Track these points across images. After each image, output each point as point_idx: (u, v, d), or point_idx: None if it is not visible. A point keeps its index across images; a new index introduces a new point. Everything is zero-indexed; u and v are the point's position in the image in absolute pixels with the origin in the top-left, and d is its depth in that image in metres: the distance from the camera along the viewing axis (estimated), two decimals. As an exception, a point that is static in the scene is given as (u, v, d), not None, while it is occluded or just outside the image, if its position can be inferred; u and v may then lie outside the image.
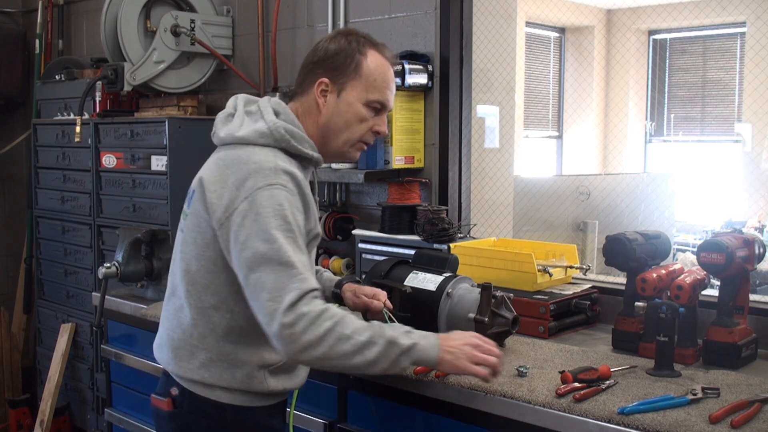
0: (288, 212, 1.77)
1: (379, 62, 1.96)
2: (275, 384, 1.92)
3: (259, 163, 1.81)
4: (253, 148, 1.86)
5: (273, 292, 1.71)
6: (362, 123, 1.97)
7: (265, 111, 1.92)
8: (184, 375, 1.90)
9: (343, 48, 1.94)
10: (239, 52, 3.92)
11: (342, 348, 1.72)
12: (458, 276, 2.32)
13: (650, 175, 6.29)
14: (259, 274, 1.72)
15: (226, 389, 1.88)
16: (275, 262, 1.72)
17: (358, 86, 1.94)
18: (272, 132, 1.87)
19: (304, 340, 1.69)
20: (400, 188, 3.04)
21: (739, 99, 7.34)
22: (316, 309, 1.71)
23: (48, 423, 4.10)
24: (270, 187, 1.77)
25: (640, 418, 1.73)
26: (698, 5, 7.00)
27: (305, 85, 1.97)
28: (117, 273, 2.89)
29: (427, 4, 3.15)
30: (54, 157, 4.20)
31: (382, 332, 1.76)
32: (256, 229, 1.74)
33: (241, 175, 1.80)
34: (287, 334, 1.68)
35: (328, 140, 1.98)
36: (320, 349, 1.70)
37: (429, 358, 1.81)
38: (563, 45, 8.01)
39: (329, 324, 1.71)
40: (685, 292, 2.13)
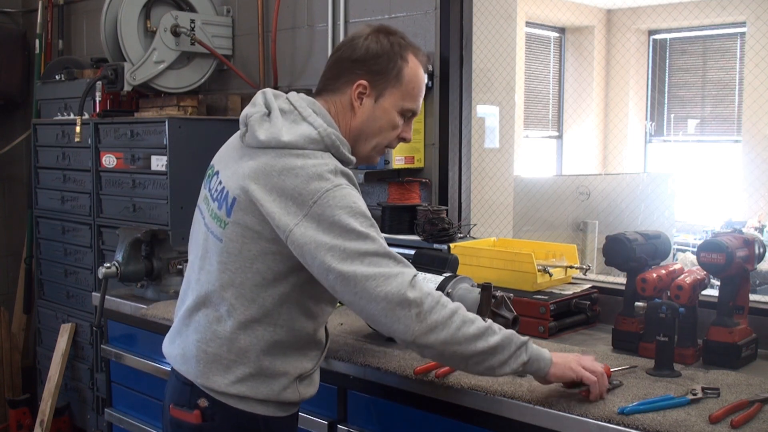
0: (363, 207, 1.73)
1: (417, 69, 1.90)
2: (304, 392, 1.89)
3: (317, 167, 1.73)
4: (304, 152, 1.76)
5: (378, 281, 1.65)
6: (394, 130, 1.92)
7: (304, 111, 1.82)
8: (217, 388, 1.81)
9: (386, 51, 1.85)
10: (239, 52, 3.92)
11: (468, 330, 1.68)
12: (458, 276, 2.32)
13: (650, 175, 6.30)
14: (354, 268, 1.67)
15: (261, 401, 1.82)
16: (371, 254, 1.68)
17: (396, 93, 1.88)
18: (323, 138, 1.79)
19: (432, 319, 1.65)
20: (400, 188, 3.04)
21: (739, 99, 7.34)
22: (435, 292, 1.68)
23: (48, 423, 4.10)
24: (338, 188, 1.71)
25: (640, 418, 1.73)
26: (698, 5, 7.00)
27: (340, 84, 1.88)
28: (117, 273, 2.89)
29: (427, 4, 3.15)
30: (54, 157, 4.20)
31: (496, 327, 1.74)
32: (339, 230, 1.68)
33: (301, 182, 1.71)
34: (415, 313, 1.64)
35: (358, 144, 1.92)
36: (447, 330, 1.66)
37: (543, 357, 1.79)
38: (563, 45, 8.02)
39: (453, 306, 1.69)
40: (685, 292, 2.13)
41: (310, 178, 1.71)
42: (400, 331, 1.66)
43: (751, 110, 6.57)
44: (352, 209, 1.70)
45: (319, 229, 1.68)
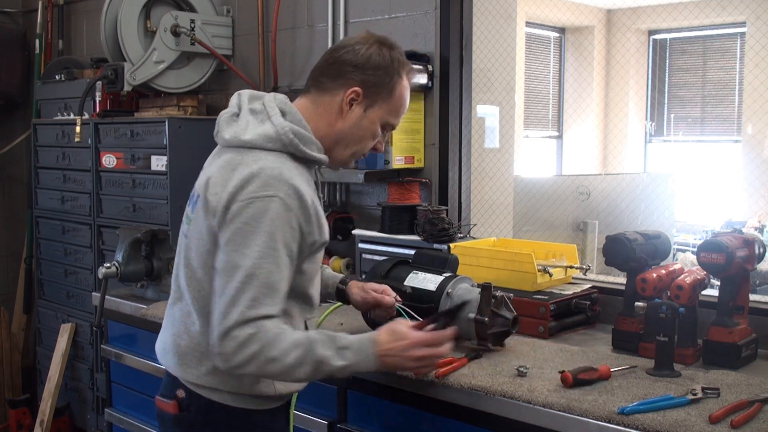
0: (277, 228, 1.73)
1: (407, 88, 1.96)
2: (282, 387, 1.91)
3: (263, 170, 1.76)
4: (259, 152, 1.81)
5: (226, 307, 1.71)
6: (373, 140, 1.97)
7: (272, 111, 1.86)
8: (192, 380, 1.88)
9: (386, 64, 1.89)
10: (239, 52, 3.92)
11: (270, 369, 1.73)
12: (458, 276, 2.32)
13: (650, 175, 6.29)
14: (224, 281, 1.73)
15: (233, 393, 1.86)
16: (240, 277, 1.71)
17: (385, 107, 1.92)
18: (280, 136, 1.82)
19: (234, 362, 1.71)
20: (400, 188, 3.04)
21: (739, 99, 7.34)
22: (247, 332, 1.70)
23: (48, 423, 4.10)
24: (267, 199, 1.73)
25: (640, 418, 1.73)
26: (698, 5, 7.00)
27: (336, 85, 1.90)
28: (117, 273, 2.89)
29: (427, 4, 3.15)
30: (54, 157, 4.20)
31: (313, 352, 1.74)
32: (239, 237, 1.73)
33: (243, 179, 1.76)
34: (220, 353, 1.71)
35: (337, 147, 1.94)
36: (250, 368, 1.72)
37: (366, 371, 1.84)
38: (563, 45, 8.02)
39: (256, 347, 1.70)
40: (685, 292, 2.13)
41: (251, 177, 1.75)
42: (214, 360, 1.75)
43: (751, 110, 6.57)
44: (265, 225, 1.72)
45: (231, 230, 1.74)
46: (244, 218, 1.73)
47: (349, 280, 2.24)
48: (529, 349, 2.27)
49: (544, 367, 2.09)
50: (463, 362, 2.09)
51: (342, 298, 2.22)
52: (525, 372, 2.01)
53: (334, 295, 2.23)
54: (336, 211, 3.39)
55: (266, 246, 1.72)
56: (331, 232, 3.29)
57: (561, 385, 1.93)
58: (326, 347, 1.76)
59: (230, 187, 1.76)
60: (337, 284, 2.23)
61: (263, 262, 1.71)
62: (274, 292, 1.74)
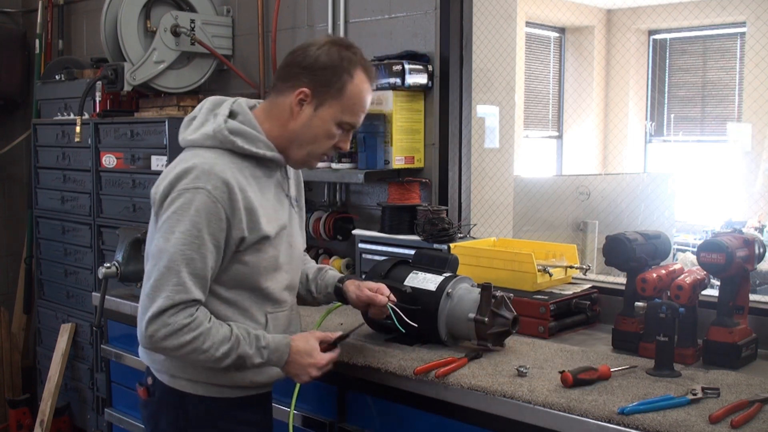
0: (202, 219, 1.83)
1: (362, 86, 1.97)
2: (240, 378, 1.97)
3: (197, 165, 1.86)
4: (199, 149, 1.92)
5: (152, 290, 1.82)
6: (329, 140, 2.00)
7: (221, 113, 1.96)
8: (155, 366, 2.01)
9: (334, 63, 1.94)
10: (239, 52, 3.92)
11: (196, 358, 1.85)
12: (458, 276, 2.32)
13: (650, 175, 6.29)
14: (150, 267, 1.86)
15: (190, 380, 1.96)
16: (164, 263, 1.82)
17: (336, 106, 1.95)
18: (216, 134, 1.91)
19: (162, 345, 1.83)
20: (400, 188, 3.04)
21: (739, 99, 7.34)
22: (181, 322, 1.81)
23: (48, 423, 4.10)
24: (195, 191, 1.83)
25: (640, 418, 1.73)
26: (698, 5, 7.00)
27: (285, 87, 1.97)
28: (117, 273, 2.89)
29: (427, 4, 3.15)
30: (54, 157, 4.20)
31: (237, 348, 1.87)
32: (167, 225, 1.84)
33: (178, 174, 1.87)
34: (148, 335, 1.83)
35: (292, 147, 2.00)
36: (175, 354, 1.85)
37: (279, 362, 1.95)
38: (563, 45, 8.01)
39: (189, 337, 1.82)
40: (685, 292, 2.13)
41: (185, 172, 1.86)
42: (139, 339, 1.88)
43: (751, 110, 6.57)
44: (190, 216, 1.82)
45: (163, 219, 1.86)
46: (173, 208, 1.84)
47: (347, 279, 2.24)
48: (529, 349, 2.27)
49: (544, 367, 2.09)
50: (463, 362, 2.09)
51: (340, 297, 2.22)
52: (525, 372, 2.01)
53: (333, 295, 2.24)
54: (336, 211, 3.39)
55: (189, 234, 1.82)
56: (331, 232, 3.31)
57: (561, 385, 1.93)
58: (249, 345, 1.89)
59: (167, 180, 1.88)
60: (336, 283, 2.24)
61: (186, 249, 1.82)
62: (199, 278, 1.84)
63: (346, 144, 2.04)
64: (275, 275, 2.00)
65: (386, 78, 3.01)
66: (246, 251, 1.92)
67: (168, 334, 1.81)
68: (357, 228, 3.20)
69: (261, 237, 1.93)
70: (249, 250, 1.92)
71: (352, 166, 3.11)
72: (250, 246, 1.92)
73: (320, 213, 3.38)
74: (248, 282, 1.95)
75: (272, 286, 2.00)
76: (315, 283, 2.26)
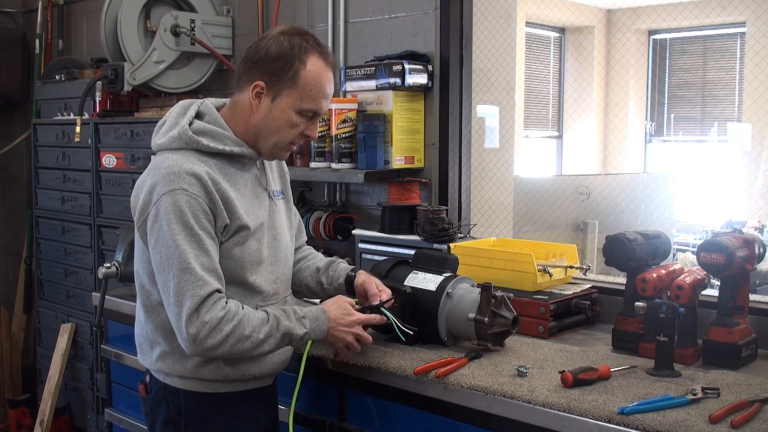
0: (190, 217, 1.86)
1: (318, 70, 1.97)
2: (231, 371, 2.00)
3: (167, 169, 1.89)
4: (167, 153, 1.95)
5: (176, 297, 1.84)
6: (293, 128, 2.00)
7: (188, 114, 1.99)
8: (149, 366, 2.06)
9: (284, 53, 1.94)
10: (239, 52, 3.91)
11: (242, 346, 1.88)
12: (458, 276, 2.32)
13: (650, 175, 6.29)
14: (164, 278, 1.87)
15: (181, 377, 1.99)
16: (176, 267, 1.84)
17: (293, 94, 1.96)
18: (181, 136, 1.94)
19: (207, 344, 1.85)
20: (400, 188, 3.04)
21: (739, 99, 7.34)
22: (217, 315, 1.84)
23: (48, 423, 4.10)
24: (172, 193, 1.86)
25: (640, 418, 1.73)
26: (698, 5, 7.00)
27: (242, 83, 2.00)
28: (117, 273, 2.89)
29: (427, 4, 3.15)
30: (54, 157, 4.20)
31: (278, 325, 1.92)
32: (161, 234, 1.86)
33: (153, 181, 1.90)
34: (191, 339, 1.83)
35: (259, 140, 2.02)
36: (222, 350, 1.86)
37: (317, 340, 2.02)
38: (563, 45, 8.01)
39: (229, 328, 1.85)
40: (685, 292, 2.13)
41: (159, 179, 1.89)
42: (183, 346, 1.88)
43: (751, 110, 6.57)
44: (177, 216, 1.85)
45: (152, 231, 1.88)
46: (160, 216, 1.86)
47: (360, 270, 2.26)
48: (529, 349, 2.27)
49: (544, 367, 2.09)
50: (463, 362, 2.09)
51: (350, 287, 2.23)
52: (525, 372, 2.01)
53: (344, 286, 2.24)
54: (336, 211, 3.39)
55: (185, 234, 1.85)
56: (331, 232, 3.31)
57: (561, 385, 1.93)
58: (288, 319, 1.94)
59: (144, 190, 1.92)
60: (348, 272, 2.26)
61: (189, 248, 1.85)
62: (211, 271, 1.87)
63: (313, 131, 2.05)
64: (260, 269, 2.02)
65: (386, 78, 3.01)
66: (231, 243, 1.95)
67: (210, 332, 1.83)
68: (357, 228, 3.20)
69: (241, 225, 1.96)
70: (233, 243, 1.95)
71: (352, 166, 3.11)
72: (233, 236, 1.95)
73: (320, 213, 3.38)
74: (235, 277, 1.97)
75: (258, 280, 2.02)
76: (326, 274, 2.27)
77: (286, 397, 2.20)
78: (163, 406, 2.03)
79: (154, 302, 1.99)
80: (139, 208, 1.93)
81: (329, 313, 2.01)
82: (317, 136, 2.11)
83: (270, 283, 2.06)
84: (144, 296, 2.02)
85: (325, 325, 1.99)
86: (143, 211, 1.91)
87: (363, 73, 3.08)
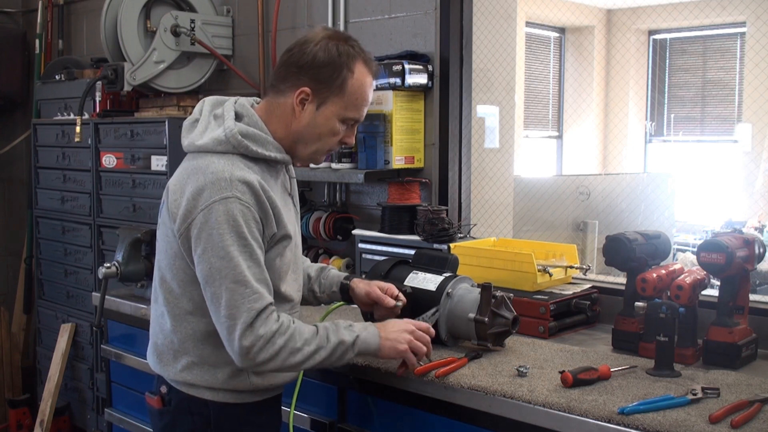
0: (243, 227, 1.80)
1: (363, 80, 1.94)
2: (259, 381, 1.96)
3: (215, 174, 1.83)
4: (212, 156, 1.87)
5: (229, 309, 1.79)
6: (334, 136, 1.97)
7: (227, 115, 1.92)
8: (171, 377, 1.97)
9: (332, 60, 1.89)
10: (239, 52, 3.92)
11: (294, 359, 1.85)
12: (458, 276, 2.32)
13: (650, 175, 6.29)
14: (215, 289, 1.80)
15: (210, 388, 1.93)
16: (230, 279, 1.79)
17: (339, 103, 1.92)
18: (228, 139, 1.87)
19: (260, 358, 1.81)
20: (400, 188, 3.04)
21: (739, 99, 7.34)
22: (271, 329, 1.81)
23: (48, 423, 4.10)
24: (225, 201, 1.80)
25: (640, 418, 1.73)
26: (698, 5, 7.00)
27: (285, 87, 1.93)
28: (117, 273, 2.89)
29: (427, 4, 3.15)
30: (54, 157, 4.20)
31: (329, 336, 1.89)
32: (212, 244, 1.79)
33: (198, 186, 1.83)
34: (244, 353, 1.80)
35: (298, 146, 1.97)
36: (274, 363, 1.83)
37: (370, 347, 1.95)
38: (563, 45, 8.01)
39: (282, 341, 1.82)
40: (685, 292, 2.13)
41: (206, 184, 1.82)
42: (234, 359, 1.84)
43: (751, 110, 6.57)
44: (231, 226, 1.79)
45: (200, 238, 1.81)
46: (210, 225, 1.79)
47: (353, 278, 2.24)
48: (529, 349, 2.27)
49: (544, 367, 2.09)
50: (463, 362, 2.09)
51: (345, 295, 2.22)
52: (525, 372, 2.01)
53: (338, 294, 2.23)
54: (336, 211, 3.39)
55: (239, 244, 1.80)
56: (331, 232, 3.31)
57: (561, 385, 1.93)
58: (336, 331, 1.91)
59: (187, 194, 1.84)
60: (341, 280, 2.23)
61: (242, 259, 1.80)
62: (264, 283, 1.84)
63: (351, 138, 2.02)
64: (289, 278, 2.00)
65: (386, 78, 3.01)
66: (273, 253, 1.91)
67: (263, 346, 1.80)
68: (357, 228, 3.20)
69: (285, 234, 1.92)
70: (276, 253, 1.92)
71: (352, 166, 3.11)
72: (276, 245, 1.91)
73: (320, 213, 3.38)
74: (273, 287, 1.92)
75: (288, 289, 2.00)
76: (318, 282, 2.25)
77: (287, 397, 2.20)
78: (188, 419, 1.96)
79: (184, 311, 1.92)
80: (181, 213, 1.84)
81: (377, 324, 2.01)
82: (354, 142, 2.06)
83: (296, 291, 2.05)
84: (172, 304, 1.93)
85: (375, 331, 1.96)
86: (186, 216, 1.83)
87: (363, 73, 3.07)
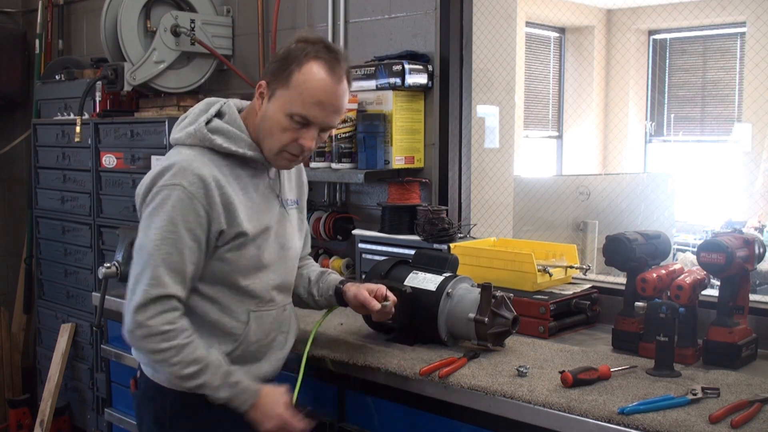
0: (178, 215, 1.86)
1: (314, 77, 1.92)
2: None
3: (175, 162, 1.91)
4: (182, 147, 1.97)
5: (133, 284, 1.88)
6: (284, 133, 1.95)
7: (209, 113, 2.00)
8: (140, 359, 2.05)
9: (286, 55, 1.95)
10: (239, 52, 3.92)
11: (162, 367, 1.90)
12: (458, 276, 2.32)
13: (650, 175, 6.29)
14: (134, 262, 1.91)
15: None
16: (144, 258, 1.87)
17: (283, 96, 1.94)
18: (196, 132, 1.95)
19: (138, 345, 1.89)
20: (400, 188, 3.04)
21: (739, 99, 7.34)
22: (160, 328, 1.84)
23: (48, 423, 4.10)
24: (171, 187, 1.87)
25: (640, 418, 1.73)
26: (698, 5, 7.00)
27: None
28: (117, 273, 2.89)
29: (427, 4, 3.15)
30: (54, 157, 4.20)
31: (205, 373, 1.87)
32: (146, 223, 1.89)
33: (158, 172, 1.92)
34: (128, 331, 1.87)
35: (261, 143, 2.01)
36: (147, 357, 1.92)
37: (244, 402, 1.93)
38: (563, 45, 8.01)
39: (163, 346, 1.85)
40: (685, 292, 2.13)
41: (163, 170, 1.90)
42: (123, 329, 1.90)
43: (751, 110, 6.57)
44: (166, 211, 1.86)
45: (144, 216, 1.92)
46: (152, 205, 1.89)
47: (348, 282, 2.24)
48: (529, 349, 2.27)
49: (544, 367, 2.09)
50: (463, 362, 2.09)
51: (340, 299, 2.22)
52: (525, 372, 2.01)
53: (334, 298, 2.23)
54: (336, 211, 3.39)
55: (166, 229, 1.86)
56: (331, 232, 3.31)
57: (561, 385, 1.93)
58: (220, 377, 1.89)
59: (148, 179, 1.94)
60: (336, 284, 2.23)
61: (162, 244, 1.86)
62: (176, 273, 1.87)
63: (308, 141, 1.95)
64: (258, 274, 2.01)
65: (386, 78, 3.01)
66: (226, 248, 1.94)
67: (145, 336, 1.85)
68: (357, 228, 3.20)
69: (238, 232, 1.94)
70: (229, 247, 1.94)
71: (352, 166, 3.11)
72: (230, 241, 1.94)
73: (320, 213, 3.38)
74: (228, 279, 1.97)
75: (253, 285, 2.01)
76: (317, 286, 2.26)
77: (286, 397, 2.20)
78: (150, 403, 2.04)
79: None
80: (141, 192, 1.95)
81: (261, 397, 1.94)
82: (313, 146, 1.99)
83: (269, 290, 2.05)
84: None
85: (248, 405, 1.92)
86: (143, 195, 1.94)
87: (363, 73, 3.07)
